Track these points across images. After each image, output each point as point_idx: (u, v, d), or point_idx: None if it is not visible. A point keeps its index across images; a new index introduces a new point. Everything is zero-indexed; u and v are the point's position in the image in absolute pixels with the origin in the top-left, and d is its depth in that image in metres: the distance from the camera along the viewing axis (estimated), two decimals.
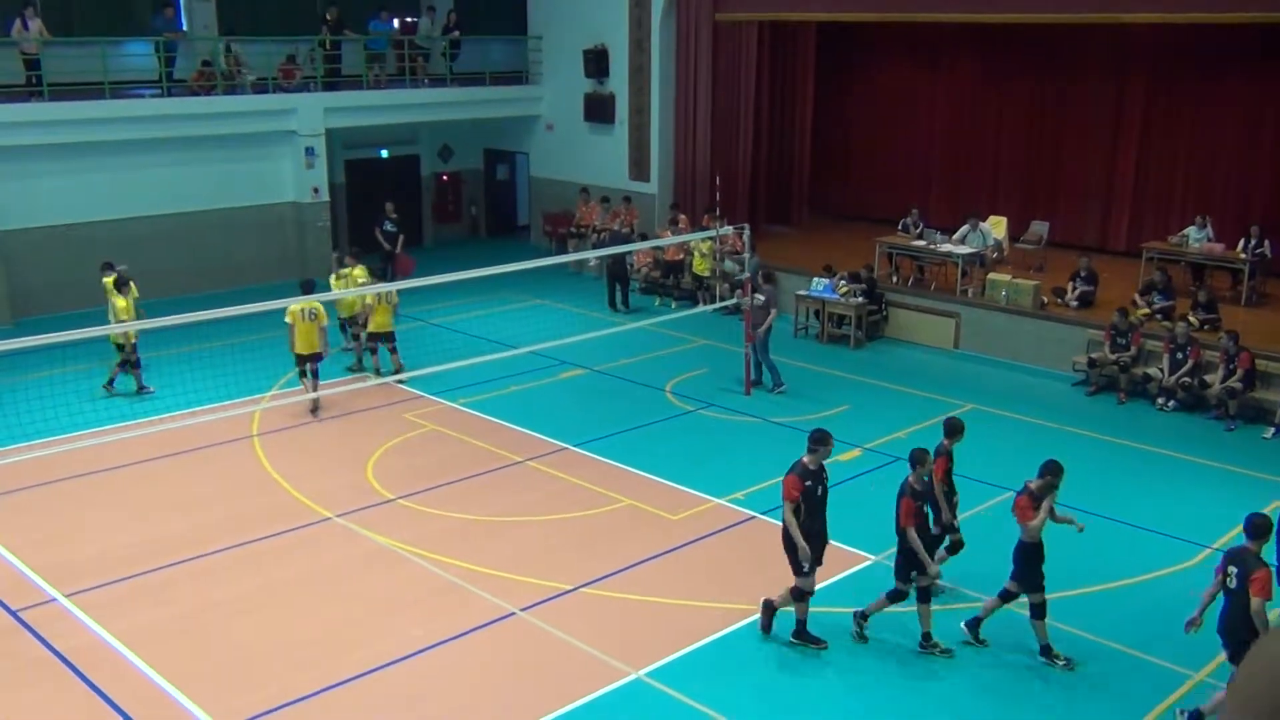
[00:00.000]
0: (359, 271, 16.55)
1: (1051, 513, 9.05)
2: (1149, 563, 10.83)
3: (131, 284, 15.54)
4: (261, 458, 13.38)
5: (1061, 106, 21.48)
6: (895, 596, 9.25)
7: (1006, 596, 9.27)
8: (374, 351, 16.32)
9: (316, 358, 14.84)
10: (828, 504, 9.23)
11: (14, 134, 18.40)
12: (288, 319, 14.63)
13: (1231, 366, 14.65)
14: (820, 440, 9.16)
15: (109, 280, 16.35)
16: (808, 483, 9.02)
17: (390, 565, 10.70)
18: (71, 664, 8.97)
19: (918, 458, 9.22)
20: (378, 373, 16.08)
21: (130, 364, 15.52)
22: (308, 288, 14.97)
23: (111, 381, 15.55)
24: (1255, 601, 7.71)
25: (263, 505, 12.01)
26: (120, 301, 15.22)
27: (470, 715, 8.40)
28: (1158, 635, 9.45)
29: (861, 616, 9.38)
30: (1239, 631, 7.84)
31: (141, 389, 15.58)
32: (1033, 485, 9.08)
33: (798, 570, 9.09)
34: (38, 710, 8.45)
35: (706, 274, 19.82)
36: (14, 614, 9.75)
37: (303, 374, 14.88)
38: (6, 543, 11.05)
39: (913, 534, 9.04)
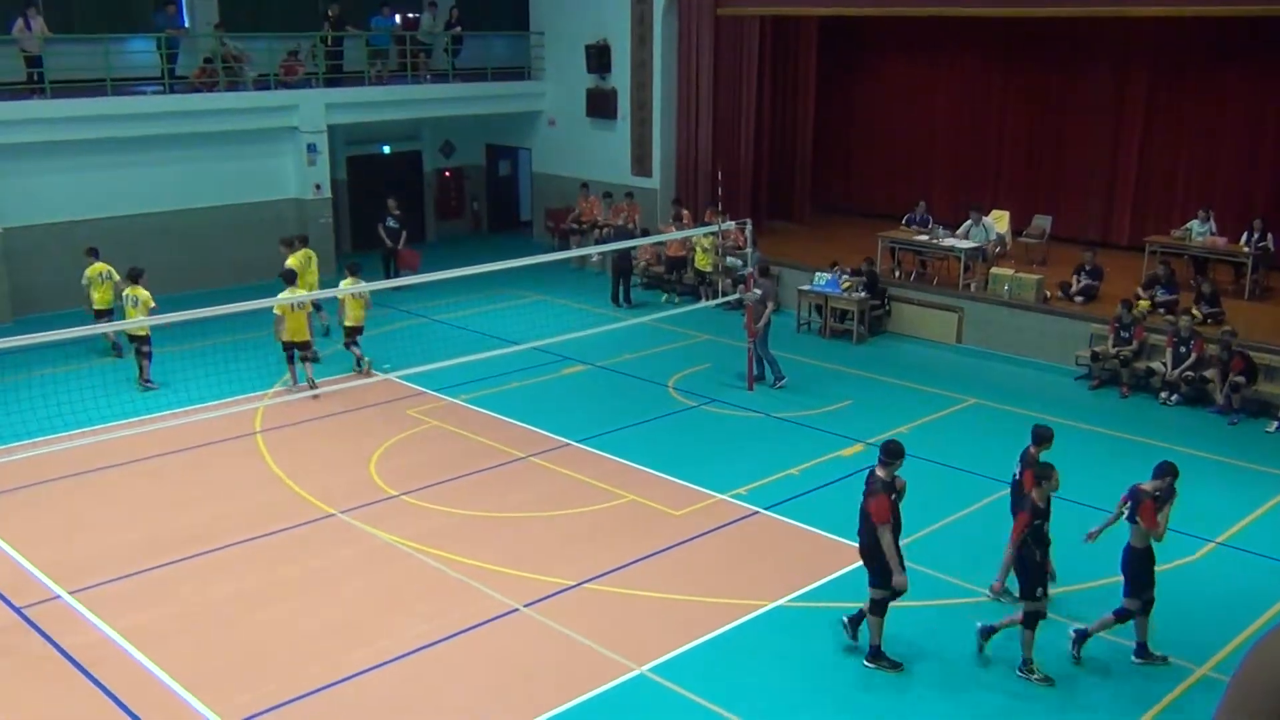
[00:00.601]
0: (293, 261, 16.79)
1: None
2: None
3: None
4: (265, 454, 13.40)
5: (1064, 101, 21.46)
6: (1030, 619, 8.82)
7: (1122, 615, 9.00)
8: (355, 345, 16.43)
9: (305, 345, 15.32)
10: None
11: (16, 131, 18.39)
12: (277, 310, 14.97)
13: (1225, 371, 14.65)
14: (897, 454, 8.91)
15: (96, 269, 16.67)
16: (892, 497, 8.85)
17: (393, 561, 10.71)
18: (76, 661, 8.98)
19: (1044, 474, 8.85)
20: (358, 364, 16.26)
21: (146, 355, 15.82)
22: (289, 278, 15.55)
23: (145, 374, 15.78)
24: None
25: (266, 502, 12.02)
26: (144, 293, 15.67)
27: (474, 711, 8.41)
28: (1161, 629, 9.43)
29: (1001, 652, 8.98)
30: None
31: (147, 383, 15.68)
32: (1148, 487, 8.81)
33: (883, 581, 8.83)
34: (42, 707, 8.47)
35: (709, 269, 19.81)
36: (18, 611, 9.76)
37: (291, 360, 15.30)
38: (10, 540, 11.07)
39: (1011, 550, 8.62)
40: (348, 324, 16.18)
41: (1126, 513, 8.94)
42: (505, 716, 8.32)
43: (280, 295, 14.80)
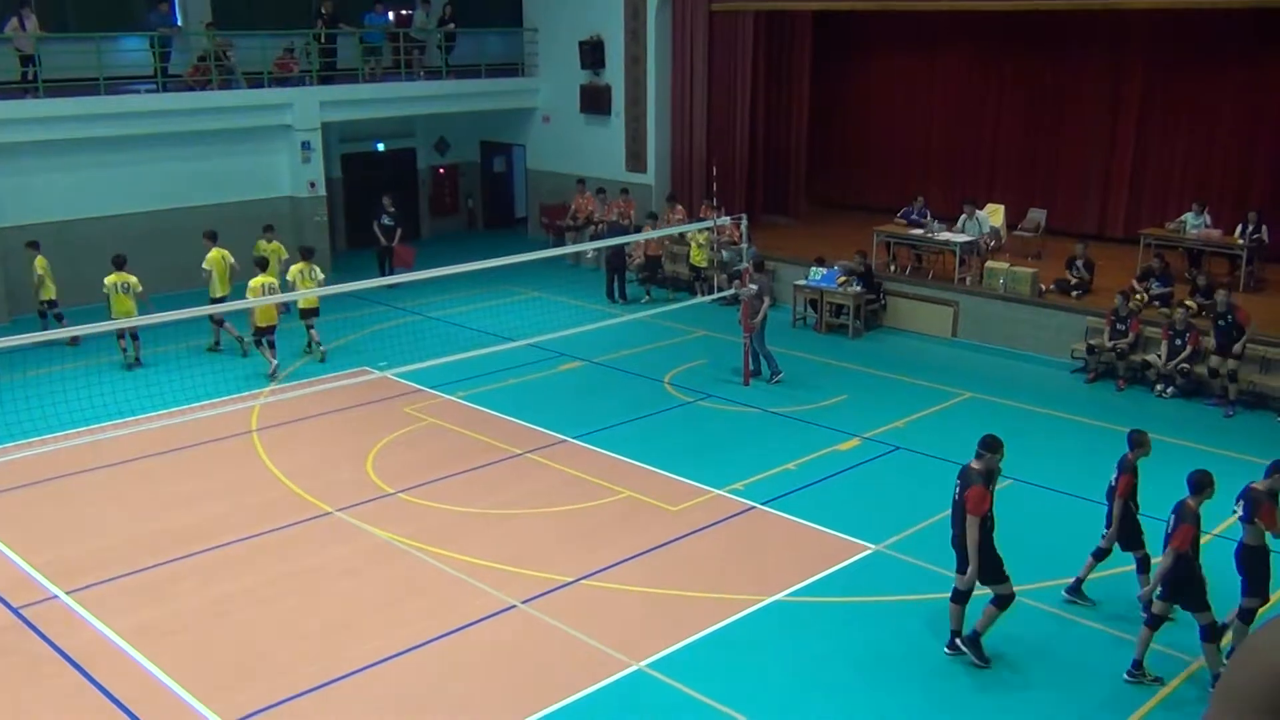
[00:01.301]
0: (215, 254, 17.22)
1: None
2: (1149, 549, 10.82)
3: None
4: (261, 453, 13.38)
5: (1059, 93, 21.46)
6: (1209, 633, 8.55)
7: (1246, 615, 8.83)
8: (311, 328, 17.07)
9: (272, 329, 16.10)
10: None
11: (9, 131, 18.34)
12: (249, 295, 15.86)
13: (1227, 335, 14.62)
14: (994, 447, 8.88)
15: (42, 262, 17.29)
16: (991, 489, 8.78)
17: (390, 559, 10.71)
18: (74, 661, 8.98)
19: (1205, 481, 8.72)
20: (309, 346, 17.01)
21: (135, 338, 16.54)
22: (262, 265, 16.48)
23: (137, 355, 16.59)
24: None
25: (263, 501, 12.01)
26: (132, 278, 16.21)
27: (472, 708, 8.41)
28: None
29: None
30: None
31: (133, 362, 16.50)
32: (1261, 486, 8.73)
33: (995, 577, 8.77)
34: (41, 707, 8.46)
35: (703, 265, 19.80)
36: (15, 611, 9.75)
37: (259, 344, 16.07)
38: (6, 540, 11.05)
39: (1182, 560, 8.44)
40: (302, 306, 16.69)
41: (1241, 513, 8.83)
42: (503, 712, 8.32)
43: (251, 282, 16.04)
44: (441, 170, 26.60)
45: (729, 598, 9.90)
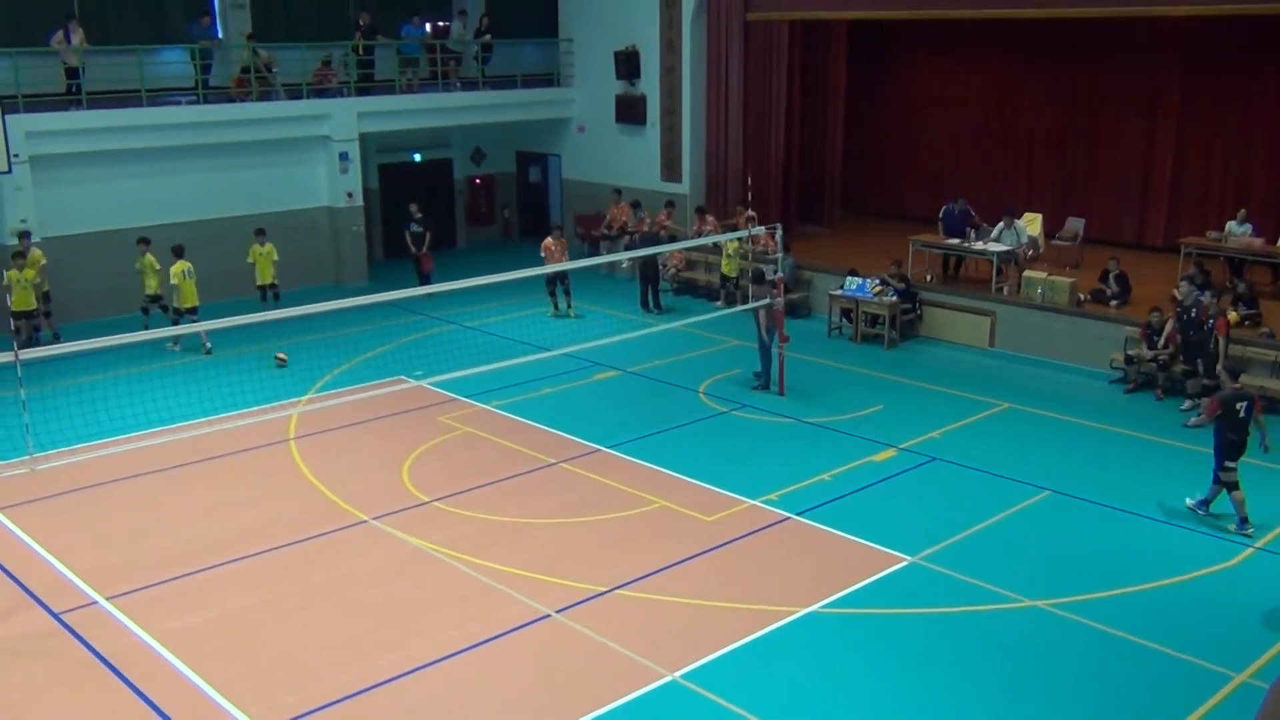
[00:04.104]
0: (36, 255, 17.87)
1: None
2: (1190, 562, 10.70)
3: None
4: (298, 461, 13.48)
5: (1097, 101, 21.30)
6: None
7: None
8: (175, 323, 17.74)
9: (195, 309, 17.54)
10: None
11: (54, 142, 18.63)
12: (174, 280, 17.48)
13: (1208, 327, 14.48)
14: None
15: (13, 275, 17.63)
16: None
17: (426, 567, 10.75)
18: (113, 666, 9.07)
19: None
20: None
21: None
22: (179, 252, 17.84)
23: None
24: None
25: (300, 508, 12.10)
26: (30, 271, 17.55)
27: (506, 717, 8.42)
28: (1199, 635, 9.34)
29: None
30: None
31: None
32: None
33: None
34: (80, 712, 8.55)
35: (734, 275, 19.78)
36: (56, 617, 9.88)
37: (175, 323, 17.29)
38: (48, 546, 11.20)
39: None
40: (178, 305, 17.79)
41: None
42: None
43: (172, 268, 17.55)
44: (478, 180, 26.74)
45: (763, 609, 9.86)
